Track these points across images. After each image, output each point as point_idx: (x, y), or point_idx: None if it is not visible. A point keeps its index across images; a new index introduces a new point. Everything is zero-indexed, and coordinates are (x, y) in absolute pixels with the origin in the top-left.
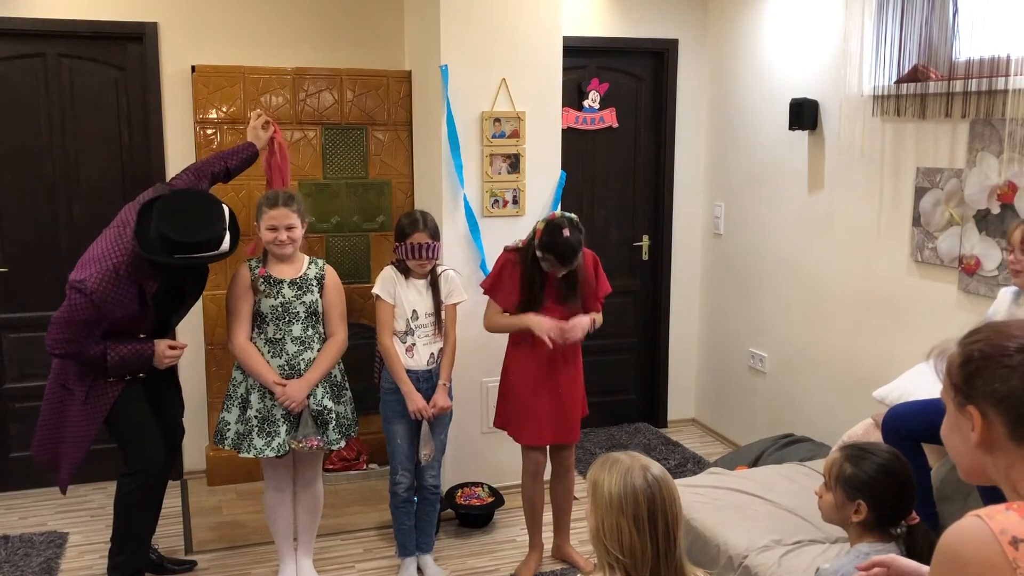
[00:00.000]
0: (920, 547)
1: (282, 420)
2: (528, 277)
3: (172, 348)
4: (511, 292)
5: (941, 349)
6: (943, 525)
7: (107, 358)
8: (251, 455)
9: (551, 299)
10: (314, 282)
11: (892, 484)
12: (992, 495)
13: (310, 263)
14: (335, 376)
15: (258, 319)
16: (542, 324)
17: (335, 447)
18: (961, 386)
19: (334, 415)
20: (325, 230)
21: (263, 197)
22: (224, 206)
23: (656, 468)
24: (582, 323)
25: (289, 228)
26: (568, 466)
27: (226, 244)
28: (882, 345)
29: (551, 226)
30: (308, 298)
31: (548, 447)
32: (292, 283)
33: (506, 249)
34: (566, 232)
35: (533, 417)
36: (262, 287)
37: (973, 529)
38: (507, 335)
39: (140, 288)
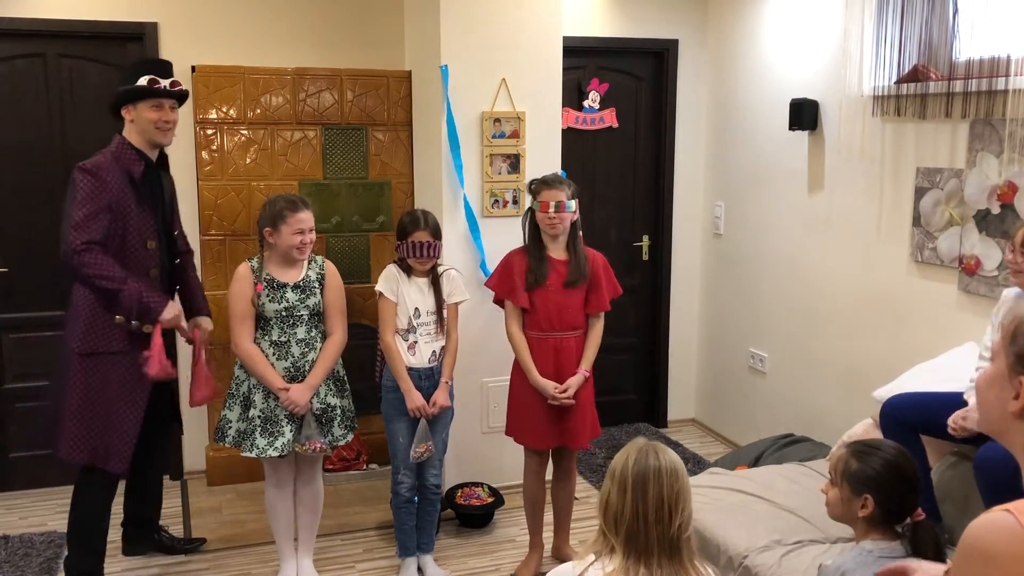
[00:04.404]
0: (925, 544)
1: (286, 421)
2: (528, 251)
3: (177, 319)
4: (517, 281)
5: (1017, 314)
6: (943, 521)
7: (126, 284)
8: (253, 454)
9: (556, 284)
10: (316, 284)
11: (899, 479)
12: (991, 493)
13: (310, 263)
14: (337, 372)
15: (262, 322)
16: (546, 388)
17: (341, 443)
18: (1021, 356)
19: (339, 411)
20: (325, 230)
21: (283, 201)
22: None
23: (668, 450)
24: (575, 382)
25: (312, 231)
26: (570, 468)
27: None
28: (882, 345)
29: None
30: (311, 301)
31: (551, 449)
32: (295, 287)
33: None
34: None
35: (536, 419)
36: (266, 292)
37: (1002, 523)
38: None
39: (128, 175)
